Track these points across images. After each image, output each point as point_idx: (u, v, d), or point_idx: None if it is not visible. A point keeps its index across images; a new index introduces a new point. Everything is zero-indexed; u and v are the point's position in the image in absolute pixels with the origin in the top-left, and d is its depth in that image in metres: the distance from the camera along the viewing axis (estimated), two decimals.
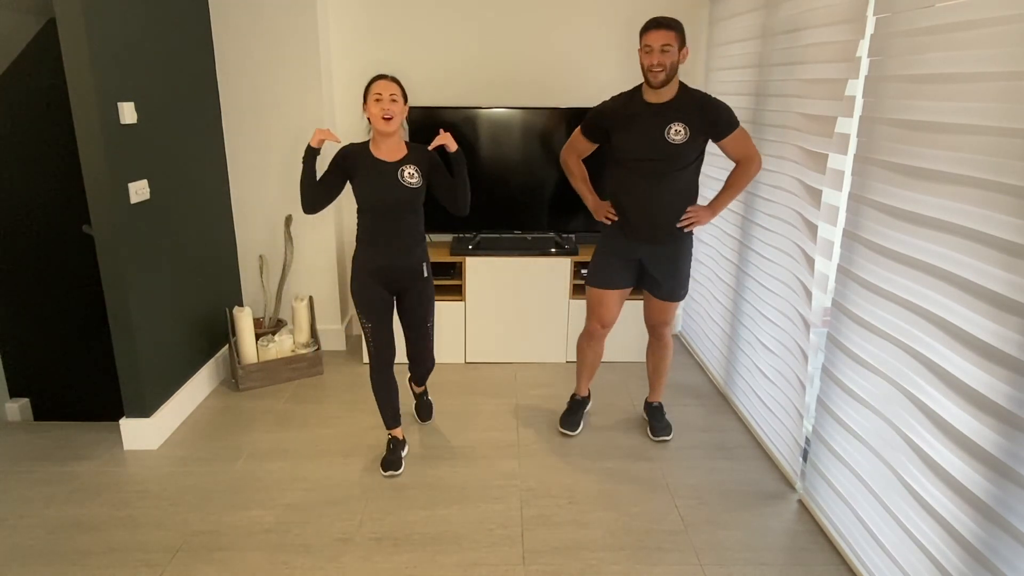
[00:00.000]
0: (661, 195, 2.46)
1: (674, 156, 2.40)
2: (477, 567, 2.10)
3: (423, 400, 2.96)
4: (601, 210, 2.62)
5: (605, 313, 2.69)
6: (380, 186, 2.32)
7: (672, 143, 2.38)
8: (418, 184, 2.35)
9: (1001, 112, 1.49)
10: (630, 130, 2.44)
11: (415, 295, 2.49)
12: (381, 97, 2.23)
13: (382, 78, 2.27)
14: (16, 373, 3.22)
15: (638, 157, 2.44)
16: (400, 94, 2.27)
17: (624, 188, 2.52)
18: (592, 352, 2.84)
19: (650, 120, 2.40)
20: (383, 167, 2.33)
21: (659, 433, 2.84)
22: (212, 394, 3.24)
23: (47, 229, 3.11)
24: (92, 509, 2.36)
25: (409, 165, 2.34)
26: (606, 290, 2.64)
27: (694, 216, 2.50)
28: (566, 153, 2.69)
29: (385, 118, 2.25)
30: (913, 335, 1.79)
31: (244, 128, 3.42)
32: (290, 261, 3.49)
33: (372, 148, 2.35)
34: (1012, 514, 1.45)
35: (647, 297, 2.71)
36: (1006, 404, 1.47)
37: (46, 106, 2.98)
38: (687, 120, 2.37)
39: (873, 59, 1.99)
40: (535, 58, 3.58)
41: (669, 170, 2.42)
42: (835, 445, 2.19)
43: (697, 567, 2.11)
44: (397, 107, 2.26)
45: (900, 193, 1.85)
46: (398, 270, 2.42)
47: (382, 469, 2.56)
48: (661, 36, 2.28)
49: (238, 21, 3.27)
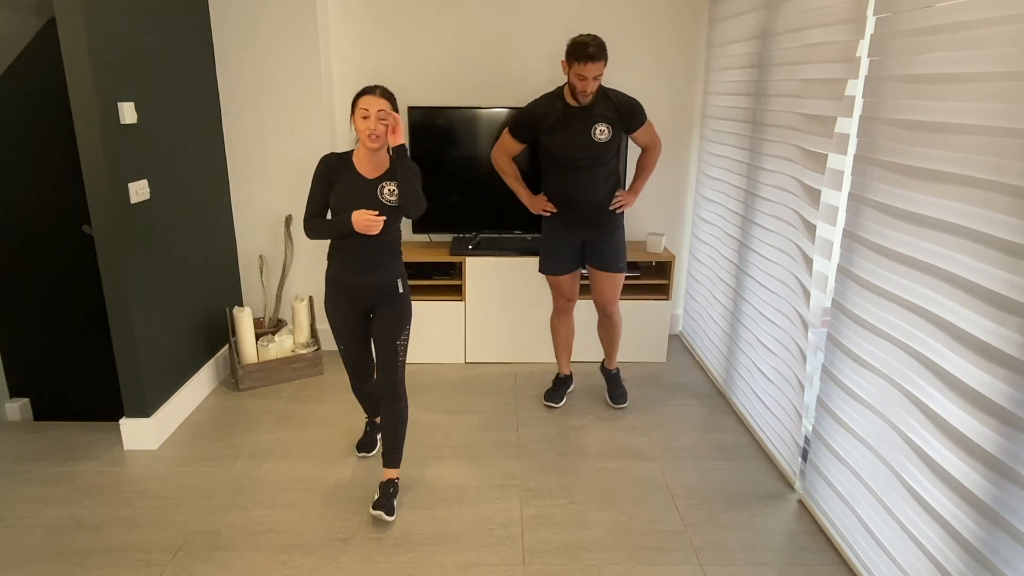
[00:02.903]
0: (594, 185, 2.77)
1: (601, 152, 2.71)
2: (477, 567, 2.10)
3: (390, 493, 2.34)
4: (537, 204, 2.88)
5: (566, 290, 3.01)
6: (357, 203, 2.17)
7: (598, 142, 2.69)
8: (396, 203, 2.20)
9: (1001, 112, 1.49)
10: (559, 133, 2.70)
11: (386, 312, 2.31)
12: (368, 114, 2.10)
13: (370, 92, 2.11)
14: (16, 373, 3.22)
15: (570, 155, 2.72)
16: (389, 109, 2.12)
17: (560, 182, 2.80)
18: (564, 327, 3.11)
19: (577, 123, 2.68)
20: (362, 183, 2.19)
21: (618, 400, 3.14)
22: (212, 394, 3.24)
23: (47, 229, 3.11)
24: (92, 509, 2.36)
25: (390, 182, 2.20)
26: (559, 276, 2.96)
27: (622, 200, 2.85)
28: (496, 153, 2.90)
29: (371, 138, 2.12)
30: (913, 335, 1.79)
31: (244, 128, 3.42)
32: (290, 261, 3.50)
33: (355, 160, 2.21)
34: (1012, 514, 1.45)
35: (593, 275, 2.97)
36: (1006, 404, 1.47)
37: (46, 106, 2.98)
38: (609, 120, 2.68)
39: (873, 59, 1.99)
40: (536, 58, 3.58)
41: (598, 164, 2.73)
42: (835, 445, 2.19)
43: (697, 567, 2.11)
44: (386, 126, 2.12)
45: (900, 193, 1.85)
46: (370, 288, 2.28)
47: (356, 450, 2.73)
48: (595, 68, 2.51)
49: (238, 21, 3.27)
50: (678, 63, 3.61)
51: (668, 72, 3.62)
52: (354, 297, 2.30)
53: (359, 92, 2.14)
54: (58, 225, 3.12)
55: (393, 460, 2.38)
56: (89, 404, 3.34)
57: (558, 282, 2.97)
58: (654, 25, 3.54)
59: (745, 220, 3.00)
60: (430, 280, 3.51)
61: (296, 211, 3.54)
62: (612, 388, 3.17)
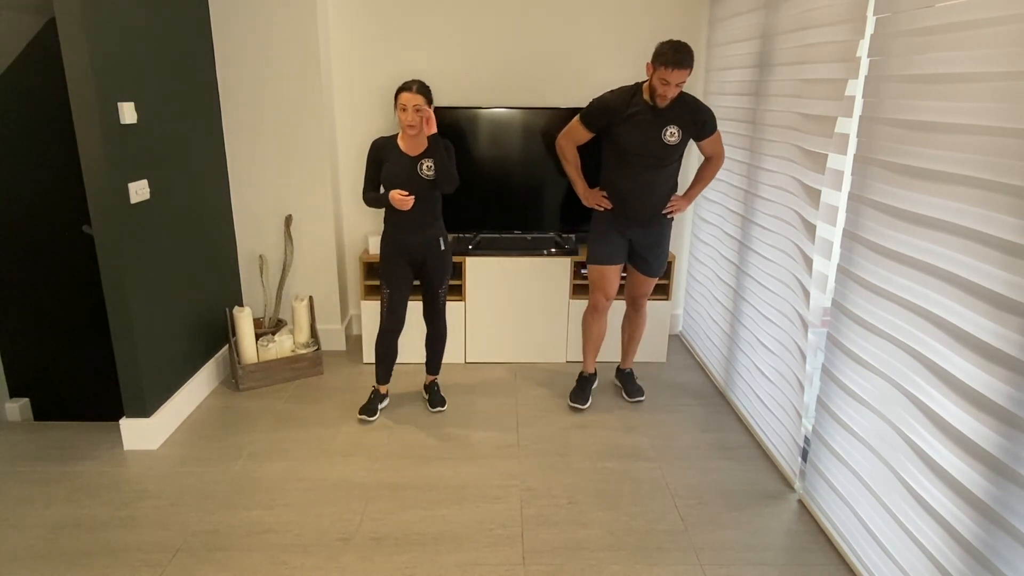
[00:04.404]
0: (654, 185, 2.78)
1: (667, 154, 2.72)
2: (477, 567, 2.10)
3: (434, 391, 3.13)
4: (592, 197, 2.89)
5: (608, 286, 2.97)
6: (401, 176, 2.68)
7: (667, 144, 2.69)
8: (434, 176, 2.69)
9: (1001, 112, 1.49)
10: (631, 127, 2.69)
11: (432, 264, 2.85)
12: (406, 108, 2.57)
13: (407, 89, 2.57)
14: (16, 373, 3.21)
15: (637, 152, 2.72)
16: (424, 103, 2.58)
17: (621, 176, 2.80)
18: (598, 326, 3.09)
19: (650, 121, 2.68)
20: (405, 160, 2.69)
21: (634, 395, 3.19)
22: (212, 394, 3.24)
23: (47, 229, 3.11)
24: (92, 509, 2.36)
25: (427, 159, 2.67)
26: (608, 266, 2.93)
27: (676, 205, 2.86)
28: (563, 140, 2.88)
29: (409, 127, 2.61)
30: (913, 335, 1.79)
31: (244, 128, 3.42)
32: (290, 261, 3.50)
33: (399, 140, 2.71)
34: (1012, 514, 1.45)
35: (632, 273, 3.03)
36: (1006, 404, 1.47)
37: (46, 106, 2.98)
38: (681, 124, 2.68)
39: (873, 59, 1.99)
40: (535, 58, 3.58)
41: (661, 165, 2.74)
42: (835, 445, 2.19)
43: (697, 567, 2.11)
44: (421, 117, 2.58)
45: (900, 193, 1.85)
46: (418, 245, 2.80)
47: (358, 413, 3.00)
48: (681, 75, 2.51)
49: (238, 21, 3.27)
50: None
51: None
52: (407, 253, 2.81)
53: (399, 87, 2.60)
54: (58, 225, 3.12)
55: (435, 369, 3.12)
56: (89, 404, 3.34)
57: (603, 275, 2.94)
58: (654, 25, 3.54)
59: (745, 220, 3.00)
60: None
61: (296, 211, 3.54)
62: (628, 385, 3.22)
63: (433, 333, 3.03)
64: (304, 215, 3.55)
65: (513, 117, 3.43)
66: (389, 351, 2.95)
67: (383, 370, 3.00)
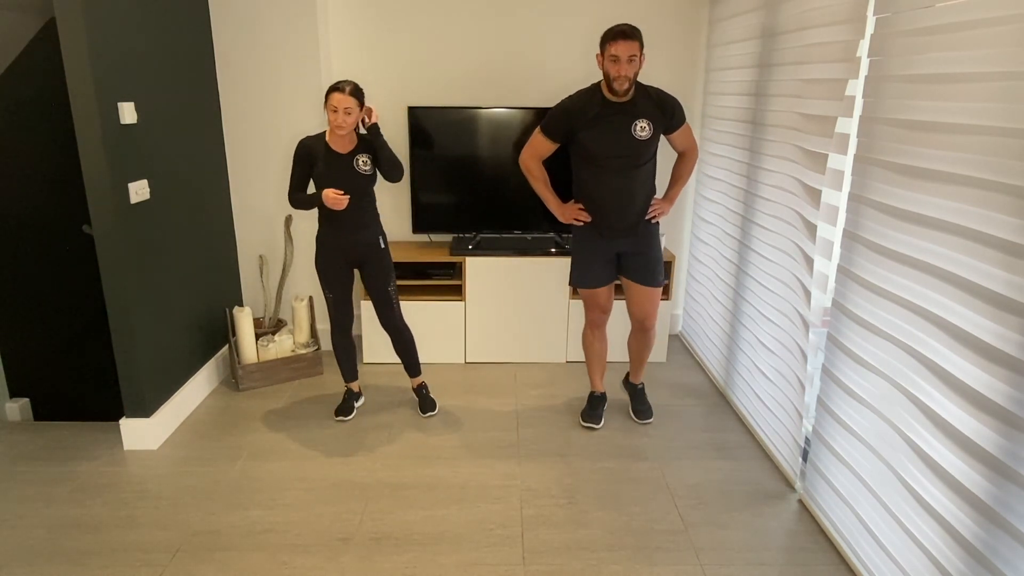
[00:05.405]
0: (632, 188, 2.61)
1: (641, 151, 2.56)
2: (477, 567, 2.10)
3: (423, 395, 3.08)
4: (568, 212, 2.72)
5: (603, 302, 2.85)
6: (337, 175, 2.62)
7: (639, 139, 2.54)
8: (370, 171, 2.66)
9: (1001, 112, 1.49)
10: (599, 131, 2.55)
11: (374, 265, 2.80)
12: (337, 109, 2.50)
13: (339, 90, 2.49)
14: (16, 373, 3.21)
15: (609, 155, 2.56)
16: (355, 105, 2.51)
17: (596, 184, 2.63)
18: (598, 342, 2.95)
19: (616, 118, 2.54)
20: (339, 158, 2.63)
21: (643, 416, 3.00)
22: (212, 394, 3.24)
23: (47, 229, 3.11)
24: (92, 509, 2.36)
25: (362, 154, 2.65)
26: (595, 289, 2.79)
27: (658, 207, 2.70)
28: (526, 155, 2.70)
29: (338, 127, 2.54)
30: (913, 335, 1.79)
31: (244, 128, 3.42)
32: (290, 261, 3.50)
33: (328, 140, 2.63)
34: (1012, 514, 1.45)
35: (630, 287, 2.81)
36: (1006, 404, 1.47)
37: (46, 106, 2.98)
38: (649, 116, 2.54)
39: (873, 59, 1.99)
40: (537, 59, 3.58)
41: (636, 165, 2.58)
42: (835, 445, 2.19)
43: (697, 567, 2.11)
44: (351, 119, 2.52)
45: (900, 193, 1.85)
46: (355, 245, 2.75)
47: (334, 415, 2.99)
48: (628, 47, 2.40)
49: (238, 22, 3.27)
50: (678, 63, 3.61)
51: (668, 72, 3.62)
52: (344, 251, 2.75)
53: (331, 87, 2.51)
54: (58, 225, 3.12)
55: (416, 370, 3.05)
56: (89, 404, 3.34)
57: (593, 295, 2.80)
58: (654, 25, 3.54)
59: (745, 220, 3.00)
60: (430, 280, 3.51)
61: (296, 211, 3.54)
62: (637, 403, 3.04)
63: (397, 338, 2.94)
64: (304, 215, 3.55)
65: (513, 117, 3.43)
66: (346, 348, 2.93)
67: (347, 368, 2.98)
